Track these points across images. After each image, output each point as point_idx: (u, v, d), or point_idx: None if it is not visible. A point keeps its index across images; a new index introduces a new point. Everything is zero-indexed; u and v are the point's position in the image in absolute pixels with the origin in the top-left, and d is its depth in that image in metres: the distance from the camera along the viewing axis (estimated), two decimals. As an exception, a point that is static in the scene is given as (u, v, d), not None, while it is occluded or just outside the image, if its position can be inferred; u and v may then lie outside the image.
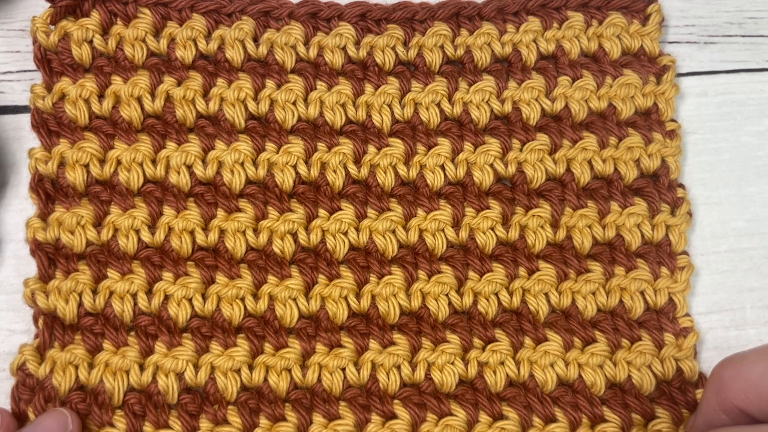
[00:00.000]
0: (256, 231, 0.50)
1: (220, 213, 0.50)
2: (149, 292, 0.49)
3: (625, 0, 0.54)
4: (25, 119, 0.52)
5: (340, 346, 0.49)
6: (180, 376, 0.48)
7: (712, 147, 0.56)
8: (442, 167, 0.51)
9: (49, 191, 0.50)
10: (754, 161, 0.56)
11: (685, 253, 0.52)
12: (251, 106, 0.51)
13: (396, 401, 0.48)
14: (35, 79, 0.52)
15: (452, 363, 0.49)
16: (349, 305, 0.49)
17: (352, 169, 0.51)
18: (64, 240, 0.49)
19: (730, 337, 0.53)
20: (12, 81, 0.54)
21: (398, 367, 0.49)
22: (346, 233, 0.50)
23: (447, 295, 0.50)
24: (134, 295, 0.49)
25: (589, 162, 0.52)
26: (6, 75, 0.54)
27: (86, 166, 0.50)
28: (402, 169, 0.51)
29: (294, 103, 0.52)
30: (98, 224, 0.49)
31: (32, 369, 0.47)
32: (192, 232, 0.50)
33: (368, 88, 0.52)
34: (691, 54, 0.57)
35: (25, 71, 0.54)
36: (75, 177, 0.49)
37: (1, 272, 0.51)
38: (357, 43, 0.53)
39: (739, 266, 0.54)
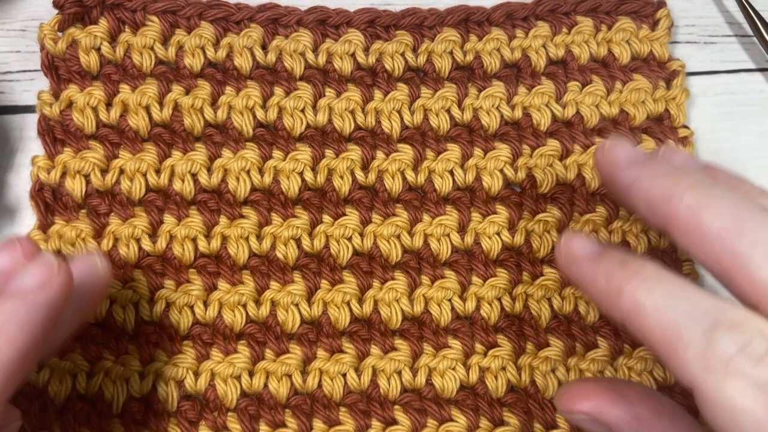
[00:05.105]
0: (259, 237, 0.50)
1: (223, 220, 0.49)
2: (151, 300, 0.48)
3: (635, 5, 0.53)
4: (25, 119, 0.52)
5: (341, 351, 0.48)
6: (180, 383, 0.47)
7: (712, 147, 0.55)
8: (451, 172, 0.51)
9: (49, 201, 0.49)
10: (754, 161, 0.54)
11: (689, 261, 0.51)
12: (259, 114, 0.51)
13: (396, 407, 0.48)
14: (35, 79, 0.52)
15: (453, 368, 0.48)
16: (351, 310, 0.49)
17: (360, 175, 0.50)
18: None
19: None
20: (12, 81, 0.54)
21: (399, 373, 0.48)
22: (350, 239, 0.50)
23: (450, 300, 0.49)
24: (136, 304, 0.48)
25: (600, 168, 0.51)
26: (6, 75, 0.54)
27: (87, 176, 0.49)
28: (410, 175, 0.51)
29: (303, 111, 0.51)
30: (98, 236, 0.49)
31: (31, 377, 0.46)
32: (194, 240, 0.49)
33: (377, 94, 0.52)
34: (691, 54, 0.57)
35: (25, 71, 0.54)
36: (74, 187, 0.49)
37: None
38: (366, 50, 0.53)
39: (739, 267, 0.52)
